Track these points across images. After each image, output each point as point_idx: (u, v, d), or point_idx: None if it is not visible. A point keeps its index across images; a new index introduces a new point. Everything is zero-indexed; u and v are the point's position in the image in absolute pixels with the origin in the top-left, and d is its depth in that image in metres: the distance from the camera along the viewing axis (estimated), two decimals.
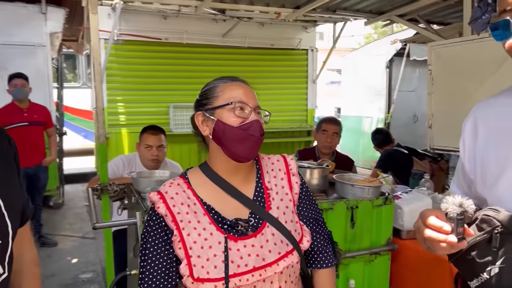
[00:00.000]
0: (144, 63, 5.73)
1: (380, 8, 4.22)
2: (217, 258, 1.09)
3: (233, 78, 1.24)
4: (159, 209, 1.13)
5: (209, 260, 1.09)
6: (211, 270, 1.08)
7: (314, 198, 1.34)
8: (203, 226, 1.12)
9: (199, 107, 1.22)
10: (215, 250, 1.10)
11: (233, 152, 1.15)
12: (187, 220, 1.12)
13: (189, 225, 1.12)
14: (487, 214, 0.93)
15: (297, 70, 6.79)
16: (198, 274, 1.08)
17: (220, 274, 1.08)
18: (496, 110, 1.04)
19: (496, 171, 0.98)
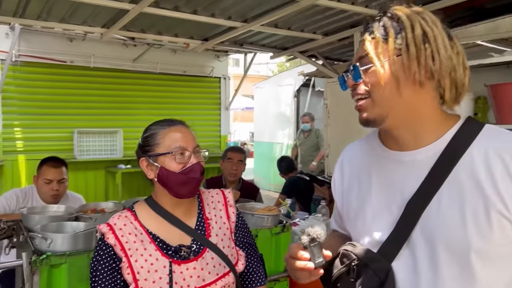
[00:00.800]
0: (47, 86, 5.43)
1: (284, 45, 4.51)
2: (162, 280, 1.23)
3: (171, 123, 1.35)
4: (109, 239, 1.25)
5: (155, 282, 1.22)
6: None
7: (247, 226, 1.51)
8: (149, 253, 1.25)
9: (143, 152, 1.34)
10: (160, 273, 1.23)
11: (177, 193, 1.30)
12: (134, 248, 1.25)
13: (137, 252, 1.24)
14: (346, 249, 1.06)
15: (210, 97, 6.88)
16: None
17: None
18: (357, 154, 1.18)
19: (356, 208, 1.11)
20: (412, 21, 0.93)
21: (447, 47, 0.92)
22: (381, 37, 0.96)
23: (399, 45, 0.93)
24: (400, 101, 0.95)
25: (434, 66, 0.92)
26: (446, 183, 0.93)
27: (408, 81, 0.93)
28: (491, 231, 0.88)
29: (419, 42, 0.92)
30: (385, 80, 0.94)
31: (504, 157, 0.89)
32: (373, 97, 0.96)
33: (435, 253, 0.93)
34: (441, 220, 0.93)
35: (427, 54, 0.91)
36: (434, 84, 0.94)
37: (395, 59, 0.93)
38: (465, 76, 0.96)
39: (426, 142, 0.98)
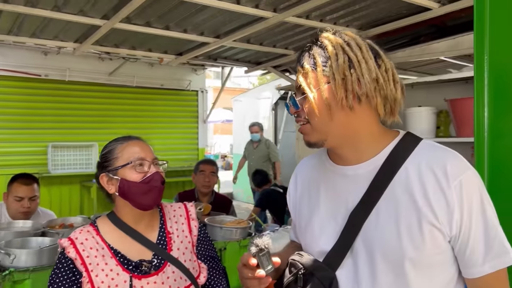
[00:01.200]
0: (21, 100, 5.36)
1: (257, 59, 4.60)
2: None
3: (128, 138, 1.39)
4: (69, 253, 1.26)
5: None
6: None
7: (210, 238, 1.53)
8: (110, 268, 1.27)
9: (102, 169, 1.35)
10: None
11: (139, 203, 1.31)
12: (95, 262, 1.25)
13: (97, 267, 1.25)
14: (294, 258, 1.11)
15: (187, 110, 6.88)
16: None
17: None
18: (308, 169, 1.24)
19: (306, 219, 1.17)
20: (337, 50, 0.99)
21: (372, 70, 0.98)
22: (310, 67, 1.01)
23: (327, 73, 0.99)
24: (336, 125, 1.01)
25: (361, 90, 0.97)
26: (384, 196, 1.00)
27: (339, 107, 0.99)
28: (423, 242, 0.94)
29: (343, 69, 0.97)
30: (318, 108, 0.99)
31: (436, 171, 0.95)
32: (311, 123, 1.02)
33: (374, 262, 0.99)
34: (379, 231, 0.99)
35: (353, 79, 0.97)
36: (366, 105, 1.00)
37: (325, 87, 0.99)
38: (396, 90, 1.01)
39: (366, 157, 1.04)
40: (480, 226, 0.94)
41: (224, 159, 17.06)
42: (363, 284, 1.00)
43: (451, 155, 0.98)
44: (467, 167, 0.96)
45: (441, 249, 0.96)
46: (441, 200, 0.93)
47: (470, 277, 0.97)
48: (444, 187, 0.93)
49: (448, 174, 0.94)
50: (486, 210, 0.95)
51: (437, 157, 0.98)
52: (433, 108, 2.91)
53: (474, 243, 0.94)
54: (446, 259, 0.98)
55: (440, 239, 0.95)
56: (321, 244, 1.08)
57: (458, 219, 0.93)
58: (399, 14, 3.23)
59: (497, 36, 1.32)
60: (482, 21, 1.29)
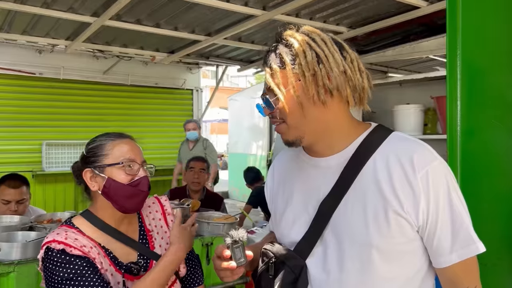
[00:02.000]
0: (15, 98, 5.37)
1: (249, 58, 4.62)
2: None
3: (119, 135, 1.32)
4: (72, 251, 1.16)
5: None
6: None
7: None
8: (106, 267, 1.22)
9: (87, 163, 1.27)
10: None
11: (123, 206, 1.25)
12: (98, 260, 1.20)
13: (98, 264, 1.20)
14: (266, 248, 1.13)
15: (182, 109, 6.89)
16: None
17: None
18: (285, 161, 1.26)
19: (281, 211, 1.18)
20: (303, 46, 0.99)
21: (339, 62, 0.99)
22: (278, 67, 1.01)
23: (296, 71, 0.99)
24: (311, 121, 1.01)
25: (331, 84, 0.98)
26: (353, 186, 1.01)
27: (312, 103, 1.00)
28: (389, 230, 0.96)
29: (312, 65, 0.98)
30: (291, 107, 1.00)
31: (402, 161, 0.97)
32: (287, 122, 1.03)
33: (342, 251, 1.00)
34: (347, 220, 1.00)
35: (323, 74, 0.98)
36: (337, 97, 1.01)
37: (295, 85, 0.99)
38: (363, 79, 1.03)
39: (338, 149, 1.06)
40: (446, 216, 0.95)
41: (221, 158, 17.07)
42: (331, 272, 1.02)
43: (418, 146, 1.00)
44: (434, 158, 0.97)
45: (408, 238, 0.98)
46: (407, 190, 0.95)
47: (438, 266, 0.99)
48: (410, 177, 0.95)
49: (415, 165, 0.95)
50: (453, 199, 0.96)
51: (404, 148, 0.99)
52: (421, 106, 2.94)
53: (441, 233, 0.96)
54: (414, 248, 1.00)
55: (406, 228, 0.96)
56: (293, 234, 1.10)
57: (424, 209, 0.95)
58: (388, 13, 3.25)
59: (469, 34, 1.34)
60: (454, 20, 1.31)
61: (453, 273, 0.98)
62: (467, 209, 0.99)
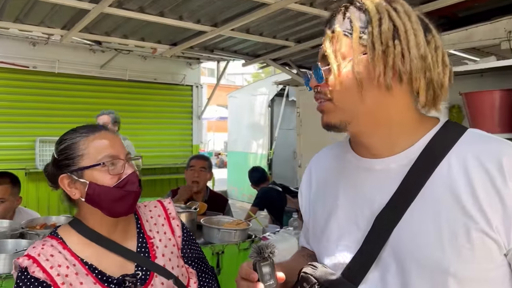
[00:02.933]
0: (8, 92, 5.30)
1: (256, 51, 4.42)
2: None
3: (92, 128, 1.14)
4: (35, 273, 1.01)
5: None
6: None
7: (194, 237, 1.33)
8: (87, 287, 1.05)
9: (61, 168, 1.10)
10: None
11: (113, 211, 1.10)
12: (68, 282, 1.03)
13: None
14: (306, 271, 0.92)
15: (181, 106, 6.78)
16: None
17: None
18: (326, 162, 1.05)
19: (322, 223, 0.98)
20: (381, 13, 0.81)
21: (421, 44, 0.80)
22: (343, 32, 0.83)
23: (365, 41, 0.81)
24: (366, 106, 0.83)
25: (403, 67, 0.79)
26: (420, 195, 0.81)
27: (374, 84, 0.81)
28: (473, 253, 0.76)
29: (386, 38, 0.80)
30: (345, 84, 0.82)
31: (488, 167, 0.76)
32: (334, 100, 0.84)
33: (407, 278, 0.80)
34: (413, 239, 0.80)
35: (396, 53, 0.79)
36: (406, 86, 0.82)
37: (359, 58, 0.81)
38: (445, 75, 0.83)
39: (399, 149, 0.86)
40: None
41: (218, 156, 16.91)
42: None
43: (507, 147, 0.79)
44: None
45: (495, 264, 0.77)
46: (495, 202, 0.75)
47: None
48: (499, 185, 0.75)
49: (505, 170, 0.75)
50: None
51: (488, 149, 0.79)
52: (445, 103, 2.74)
53: None
54: (500, 276, 0.79)
55: (494, 250, 0.76)
56: (339, 254, 0.90)
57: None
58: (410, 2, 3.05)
59: None
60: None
61: None
62: None
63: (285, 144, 8.52)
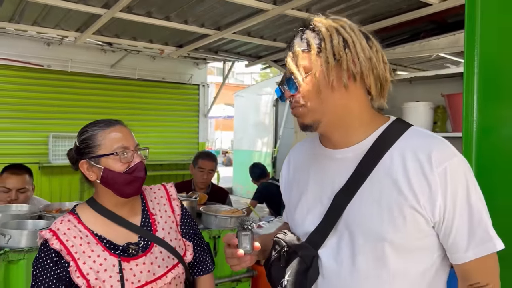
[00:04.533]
0: (23, 89, 5.41)
1: (258, 53, 4.62)
2: (113, 278, 1.25)
3: (109, 123, 1.35)
4: (53, 245, 1.24)
5: (105, 281, 1.24)
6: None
7: (192, 217, 1.56)
8: (97, 254, 1.27)
9: (82, 155, 1.32)
10: (110, 272, 1.26)
11: (123, 192, 1.31)
12: (81, 251, 1.26)
13: (84, 255, 1.25)
14: (278, 236, 1.14)
15: (188, 104, 6.91)
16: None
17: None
18: (301, 152, 1.26)
19: (295, 201, 1.19)
20: (331, 32, 1.01)
21: (365, 49, 1.00)
22: (302, 50, 1.02)
23: (321, 55, 1.00)
24: (331, 106, 1.02)
25: (355, 69, 0.99)
26: (368, 179, 1.01)
27: (334, 87, 1.01)
28: (404, 225, 0.96)
29: (338, 50, 0.99)
30: (311, 91, 1.01)
31: (420, 157, 0.97)
32: (307, 105, 1.03)
33: (355, 243, 1.01)
34: (361, 213, 1.00)
35: (348, 59, 0.99)
36: (359, 84, 1.03)
37: (319, 69, 1.00)
38: (386, 70, 1.04)
39: (355, 141, 1.06)
40: (464, 213, 0.95)
41: (225, 155, 17.11)
42: (343, 264, 1.02)
43: (437, 142, 0.99)
44: (453, 154, 0.97)
45: (423, 234, 0.98)
46: (424, 185, 0.95)
47: (455, 262, 0.99)
48: (427, 173, 0.95)
49: (432, 160, 0.95)
50: (471, 197, 0.96)
51: (422, 143, 0.99)
52: (430, 103, 2.92)
53: (458, 230, 0.96)
54: (429, 244, 0.99)
55: (422, 223, 0.96)
56: (307, 224, 1.11)
57: (441, 205, 0.94)
58: (399, 9, 3.23)
59: (487, 29, 1.33)
60: (473, 14, 1.30)
61: (470, 269, 0.98)
62: (485, 206, 0.98)
63: (289, 143, 8.67)
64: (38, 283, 1.24)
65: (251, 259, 1.12)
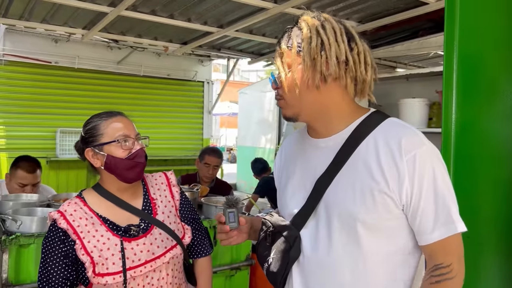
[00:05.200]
0: (31, 85, 5.50)
1: (260, 50, 4.71)
2: (115, 256, 1.35)
3: (111, 114, 1.46)
4: (61, 224, 1.35)
5: (108, 259, 1.34)
6: (110, 266, 1.34)
7: (192, 203, 1.66)
8: (100, 234, 1.37)
9: (87, 144, 1.43)
10: (112, 251, 1.35)
11: (125, 177, 1.41)
12: (86, 230, 1.36)
13: (88, 234, 1.35)
14: (265, 218, 1.24)
15: (193, 101, 6.97)
16: (99, 270, 1.33)
17: (118, 269, 1.34)
18: (291, 142, 1.35)
19: (282, 186, 1.29)
20: (311, 33, 1.07)
21: (343, 52, 1.06)
22: (286, 47, 1.10)
23: (300, 54, 1.07)
24: (306, 102, 1.10)
25: (327, 71, 1.06)
26: (346, 165, 1.10)
27: (306, 86, 1.08)
28: (375, 206, 1.04)
29: (314, 52, 1.06)
30: (288, 87, 1.09)
31: (391, 145, 1.05)
32: (286, 99, 1.13)
33: (331, 223, 1.10)
34: (338, 196, 1.09)
35: (322, 61, 1.05)
36: (333, 84, 1.09)
37: (297, 68, 1.08)
38: (367, 72, 1.10)
39: (336, 131, 1.14)
40: (430, 197, 1.03)
41: (230, 152, 17.21)
42: (321, 242, 1.11)
43: (408, 131, 1.07)
44: (422, 143, 1.05)
45: (393, 215, 1.05)
46: (393, 171, 1.03)
47: (422, 244, 1.07)
48: (397, 159, 1.03)
49: (402, 148, 1.03)
50: (438, 183, 1.03)
51: (394, 132, 1.07)
52: (426, 100, 3.00)
53: (424, 213, 1.03)
54: (399, 225, 1.07)
55: (391, 205, 1.04)
56: (291, 207, 1.20)
57: (408, 189, 1.02)
58: (398, 8, 3.31)
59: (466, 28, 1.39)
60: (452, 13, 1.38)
61: (436, 249, 1.05)
62: (452, 192, 1.06)
63: None
64: (47, 259, 1.35)
65: (238, 235, 1.23)
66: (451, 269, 1.04)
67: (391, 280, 1.08)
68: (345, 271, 1.08)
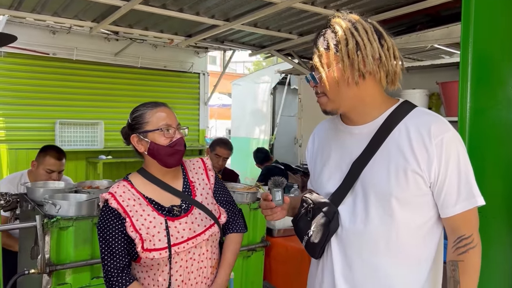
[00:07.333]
0: (30, 77, 5.49)
1: (262, 43, 4.83)
2: (160, 234, 1.48)
3: (156, 104, 1.58)
4: (112, 204, 1.48)
5: (154, 236, 1.47)
6: (156, 243, 1.47)
7: (225, 186, 1.79)
8: (147, 213, 1.50)
9: (133, 130, 1.56)
10: (158, 229, 1.49)
11: (166, 162, 1.54)
12: (134, 210, 1.48)
13: (137, 213, 1.48)
14: (305, 196, 1.39)
15: (189, 92, 7.03)
16: (147, 246, 1.46)
17: (163, 245, 1.47)
18: (324, 129, 1.51)
19: (319, 170, 1.44)
20: (347, 35, 1.21)
21: (376, 50, 1.21)
22: (324, 49, 1.24)
23: (338, 55, 1.22)
24: (346, 97, 1.26)
25: (365, 69, 1.21)
26: (380, 149, 1.26)
27: (347, 83, 1.23)
28: (407, 184, 1.20)
29: (352, 53, 1.20)
30: (330, 85, 1.24)
31: (421, 131, 1.21)
32: (327, 95, 1.27)
33: (368, 200, 1.25)
34: (373, 176, 1.25)
35: (359, 60, 1.20)
36: (370, 79, 1.24)
37: (336, 67, 1.22)
38: (396, 64, 1.25)
39: (370, 119, 1.30)
40: (454, 175, 1.19)
41: None
42: (358, 216, 1.27)
43: (435, 119, 1.24)
44: (448, 129, 1.22)
45: (422, 192, 1.22)
46: (423, 153, 1.19)
47: (445, 216, 1.23)
48: (426, 143, 1.19)
49: (431, 133, 1.19)
50: (461, 163, 1.20)
51: (424, 120, 1.23)
52: (426, 91, 3.18)
53: (448, 188, 1.20)
54: (426, 201, 1.24)
55: (421, 183, 1.21)
56: (328, 187, 1.36)
57: (436, 168, 1.19)
58: (398, 3, 3.47)
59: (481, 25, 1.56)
60: (468, 11, 1.54)
61: (455, 222, 1.22)
62: (472, 171, 1.23)
63: (286, 130, 8.92)
64: (106, 236, 1.48)
65: (281, 212, 1.38)
66: (472, 239, 1.20)
67: (420, 247, 1.25)
68: (380, 240, 1.24)
